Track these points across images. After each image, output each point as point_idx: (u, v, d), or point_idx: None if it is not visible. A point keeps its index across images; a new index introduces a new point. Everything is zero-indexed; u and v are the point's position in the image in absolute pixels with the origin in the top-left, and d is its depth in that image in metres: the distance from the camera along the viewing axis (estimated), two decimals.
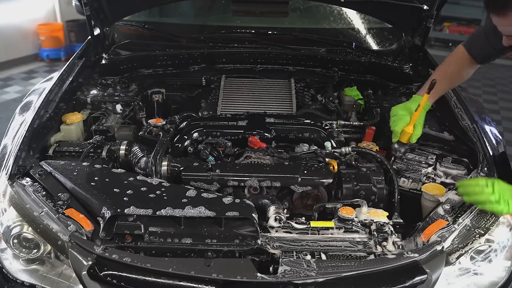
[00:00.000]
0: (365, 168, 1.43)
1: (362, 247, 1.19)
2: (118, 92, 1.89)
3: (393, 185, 1.40)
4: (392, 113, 1.51)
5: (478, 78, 5.22)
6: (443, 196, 1.33)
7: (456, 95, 1.75)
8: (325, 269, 1.09)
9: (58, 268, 1.23)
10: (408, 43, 2.10)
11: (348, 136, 1.74)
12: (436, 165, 1.46)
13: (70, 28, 5.64)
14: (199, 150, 1.53)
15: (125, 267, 1.10)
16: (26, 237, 1.25)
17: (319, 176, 1.39)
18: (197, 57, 2.06)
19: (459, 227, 1.22)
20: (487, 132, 1.59)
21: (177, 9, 2.42)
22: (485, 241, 1.23)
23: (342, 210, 1.27)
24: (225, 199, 1.26)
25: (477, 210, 1.26)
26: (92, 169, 1.38)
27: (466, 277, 1.24)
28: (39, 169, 1.37)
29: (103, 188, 1.28)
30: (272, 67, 2.06)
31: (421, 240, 1.21)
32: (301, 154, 1.52)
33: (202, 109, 1.86)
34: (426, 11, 1.83)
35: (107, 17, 2.00)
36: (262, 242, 1.18)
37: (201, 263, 1.11)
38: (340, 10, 2.31)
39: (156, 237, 1.19)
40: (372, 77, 2.05)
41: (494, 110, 4.31)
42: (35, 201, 1.25)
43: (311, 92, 2.02)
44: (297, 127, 1.64)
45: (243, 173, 1.39)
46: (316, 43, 2.15)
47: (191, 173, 1.40)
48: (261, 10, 2.17)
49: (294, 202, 1.45)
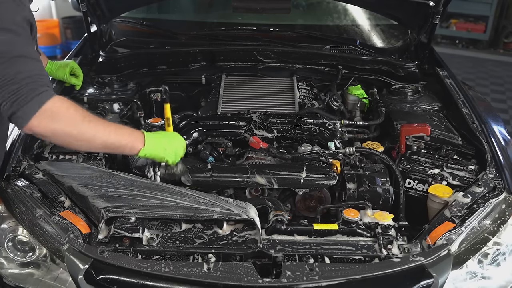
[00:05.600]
0: (369, 169, 1.40)
1: (366, 251, 1.17)
2: (115, 90, 1.86)
3: (398, 187, 1.38)
4: None
5: (485, 77, 5.18)
6: (450, 197, 1.31)
7: (464, 95, 1.72)
8: (328, 273, 1.06)
9: (54, 272, 1.22)
10: (413, 41, 2.07)
11: (352, 136, 1.71)
12: (443, 166, 1.43)
13: (66, 25, 5.58)
14: (199, 150, 1.50)
15: (122, 271, 1.08)
16: (21, 240, 1.23)
17: (322, 177, 1.36)
18: (197, 55, 2.04)
19: (467, 229, 1.20)
20: (495, 132, 1.57)
21: (176, 6, 2.39)
22: (493, 244, 1.22)
23: (346, 212, 1.25)
24: (225, 200, 1.24)
25: (485, 213, 1.23)
26: (88, 170, 1.36)
27: (473, 281, 1.23)
28: (35, 170, 1.35)
29: (100, 190, 1.26)
30: (274, 65, 2.04)
31: (427, 243, 1.19)
32: (304, 154, 1.49)
33: (202, 108, 1.83)
34: (432, 7, 1.80)
35: (104, 13, 1.98)
36: (264, 245, 1.16)
37: (201, 267, 1.08)
38: (343, 7, 2.28)
39: (155, 240, 1.17)
40: (376, 76, 2.02)
41: (502, 109, 4.27)
42: (31, 203, 1.23)
43: (314, 91, 1.99)
44: (299, 127, 1.61)
45: (244, 174, 1.36)
46: (319, 40, 2.12)
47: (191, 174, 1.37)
48: (262, 7, 2.15)
49: (297, 204, 1.43)
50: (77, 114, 1.15)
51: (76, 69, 1.78)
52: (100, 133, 1.17)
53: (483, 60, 5.79)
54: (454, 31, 6.21)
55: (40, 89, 1.08)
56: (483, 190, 1.31)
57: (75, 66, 1.77)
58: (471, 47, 6.19)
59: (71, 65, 1.76)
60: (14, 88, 1.05)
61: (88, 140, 1.16)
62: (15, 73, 1.05)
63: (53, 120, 1.10)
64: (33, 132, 1.11)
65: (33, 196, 1.25)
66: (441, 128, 1.65)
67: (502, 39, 6.07)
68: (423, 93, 1.94)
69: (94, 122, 1.17)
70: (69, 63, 1.77)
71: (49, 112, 1.09)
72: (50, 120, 1.09)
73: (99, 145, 1.21)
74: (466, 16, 6.12)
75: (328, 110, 1.86)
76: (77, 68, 1.78)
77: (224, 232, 1.20)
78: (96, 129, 1.17)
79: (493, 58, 5.84)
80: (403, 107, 1.84)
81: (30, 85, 1.06)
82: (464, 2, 5.77)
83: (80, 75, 1.79)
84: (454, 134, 1.62)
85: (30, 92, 1.06)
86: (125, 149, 1.25)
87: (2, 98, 1.05)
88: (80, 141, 1.16)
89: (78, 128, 1.14)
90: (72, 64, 1.77)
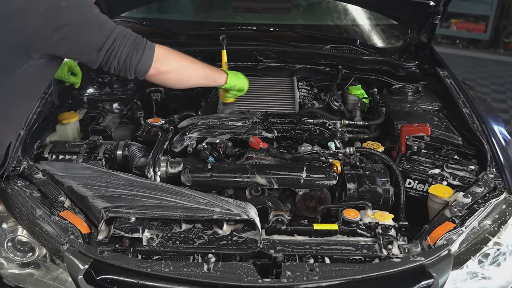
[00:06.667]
0: (369, 169, 1.40)
1: (366, 251, 1.16)
2: (115, 90, 1.85)
3: (398, 187, 1.38)
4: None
5: (486, 77, 5.17)
6: (450, 198, 1.30)
7: (464, 95, 1.72)
8: (328, 273, 1.06)
9: (53, 272, 1.21)
10: (414, 41, 2.06)
11: (352, 136, 1.71)
12: (443, 166, 1.43)
13: None
14: (199, 150, 1.50)
15: (122, 271, 1.07)
16: (21, 240, 1.23)
17: (322, 177, 1.36)
18: (197, 55, 2.01)
19: (467, 230, 1.20)
20: (495, 132, 1.56)
21: (176, 5, 2.38)
22: (493, 244, 1.21)
23: (346, 212, 1.25)
24: (225, 200, 1.23)
25: (486, 213, 1.23)
26: (88, 170, 1.35)
27: (474, 281, 1.23)
28: (34, 170, 1.34)
29: (100, 190, 1.25)
30: (274, 65, 2.03)
31: (427, 243, 1.19)
32: (304, 154, 1.49)
33: (202, 108, 1.83)
34: (432, 7, 1.80)
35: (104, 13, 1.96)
36: (264, 246, 1.16)
37: (201, 267, 1.08)
38: (343, 7, 2.28)
39: (155, 240, 1.17)
40: (376, 75, 2.02)
41: (503, 109, 4.26)
42: (30, 203, 1.23)
43: (314, 91, 1.98)
44: (300, 127, 1.61)
45: (244, 174, 1.36)
46: (319, 40, 2.12)
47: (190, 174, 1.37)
48: (262, 7, 2.14)
49: (297, 204, 1.43)
50: (177, 52, 1.38)
51: (75, 67, 1.77)
52: (202, 66, 1.47)
53: (484, 60, 5.78)
54: (454, 31, 6.19)
55: (143, 39, 1.28)
56: (484, 190, 1.30)
57: (73, 64, 1.77)
58: (471, 47, 6.18)
59: (69, 63, 1.76)
60: (131, 39, 1.24)
61: (197, 73, 1.43)
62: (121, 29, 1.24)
63: (171, 57, 1.33)
64: (158, 70, 1.29)
65: (33, 196, 1.25)
66: (441, 128, 1.64)
67: (502, 39, 6.05)
68: (424, 93, 1.93)
69: (193, 58, 1.44)
70: (67, 62, 1.76)
71: (163, 51, 1.30)
72: (168, 58, 1.32)
73: (201, 78, 1.47)
74: (467, 16, 6.11)
75: (328, 110, 1.86)
76: (75, 66, 1.78)
77: (224, 232, 1.20)
78: (198, 62, 1.45)
79: (494, 58, 5.83)
80: (403, 107, 1.83)
81: (135, 37, 1.26)
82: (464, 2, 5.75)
83: (78, 73, 1.79)
84: (455, 134, 1.62)
85: (141, 41, 1.26)
86: (218, 80, 1.53)
87: (127, 49, 1.22)
88: (193, 74, 1.42)
89: (190, 63, 1.41)
90: (70, 63, 1.76)
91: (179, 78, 1.39)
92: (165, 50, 1.32)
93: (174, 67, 1.35)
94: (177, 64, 1.36)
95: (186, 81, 1.44)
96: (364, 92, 1.93)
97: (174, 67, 1.35)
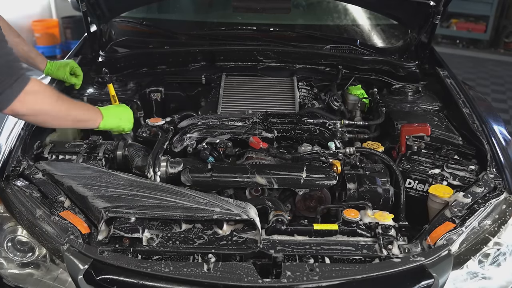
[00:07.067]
0: (369, 169, 1.40)
1: (366, 251, 1.16)
2: (115, 90, 1.85)
3: (398, 187, 1.38)
4: None
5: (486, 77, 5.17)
6: (450, 198, 1.30)
7: (464, 95, 1.72)
8: (328, 273, 1.06)
9: (53, 272, 1.21)
10: (414, 41, 2.06)
11: (352, 136, 1.71)
12: (443, 166, 1.43)
13: (66, 25, 5.55)
14: (199, 150, 1.49)
15: (122, 271, 1.07)
16: (20, 240, 1.23)
17: (322, 177, 1.36)
18: (197, 55, 2.03)
19: (467, 230, 1.20)
20: (495, 132, 1.56)
21: (176, 5, 2.38)
22: (493, 244, 1.21)
23: (346, 212, 1.25)
24: (225, 200, 1.23)
25: (486, 213, 1.23)
26: (88, 170, 1.35)
27: (474, 281, 1.23)
28: (34, 170, 1.34)
29: (100, 190, 1.25)
30: (274, 65, 2.03)
31: (427, 243, 1.19)
32: (304, 154, 1.48)
33: (202, 108, 1.83)
34: (432, 7, 1.80)
35: (104, 13, 1.97)
36: (264, 246, 1.16)
37: (201, 267, 1.08)
38: (343, 7, 2.28)
39: (155, 240, 1.17)
40: (377, 75, 2.02)
41: (503, 109, 4.27)
42: (30, 203, 1.23)
43: (314, 91, 1.98)
44: (300, 127, 1.61)
45: (244, 174, 1.36)
46: (319, 40, 2.12)
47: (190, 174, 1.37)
48: (262, 6, 2.14)
49: (297, 204, 1.42)
50: (52, 94, 1.28)
51: (76, 68, 1.78)
52: (72, 111, 1.33)
53: (484, 60, 5.78)
54: (454, 31, 6.20)
55: (19, 73, 1.16)
56: (484, 190, 1.30)
57: (75, 66, 1.78)
58: (471, 47, 6.18)
59: (71, 64, 1.76)
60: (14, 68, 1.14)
61: (63, 118, 1.31)
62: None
63: (34, 101, 1.21)
64: (15, 112, 1.20)
65: (32, 196, 1.25)
66: (441, 128, 1.64)
67: (502, 39, 6.06)
68: (424, 93, 1.93)
69: (66, 101, 1.32)
70: (69, 63, 1.77)
71: (30, 94, 1.18)
72: (31, 101, 1.20)
73: (69, 122, 1.37)
74: (467, 16, 6.12)
75: (328, 110, 1.85)
76: (77, 68, 1.78)
77: (224, 232, 1.20)
78: (68, 107, 1.32)
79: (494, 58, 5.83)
80: (404, 107, 1.83)
81: (10, 69, 1.14)
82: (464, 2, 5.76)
83: (80, 74, 1.80)
84: (455, 134, 1.62)
85: (10, 77, 1.14)
86: (88, 124, 1.43)
87: None
88: (56, 119, 1.31)
89: (55, 107, 1.27)
90: (72, 64, 1.77)
91: (39, 123, 1.33)
92: (35, 94, 1.20)
93: (35, 112, 1.24)
94: (39, 110, 1.24)
95: (51, 125, 1.45)
96: (364, 92, 1.93)
97: (35, 112, 1.24)
